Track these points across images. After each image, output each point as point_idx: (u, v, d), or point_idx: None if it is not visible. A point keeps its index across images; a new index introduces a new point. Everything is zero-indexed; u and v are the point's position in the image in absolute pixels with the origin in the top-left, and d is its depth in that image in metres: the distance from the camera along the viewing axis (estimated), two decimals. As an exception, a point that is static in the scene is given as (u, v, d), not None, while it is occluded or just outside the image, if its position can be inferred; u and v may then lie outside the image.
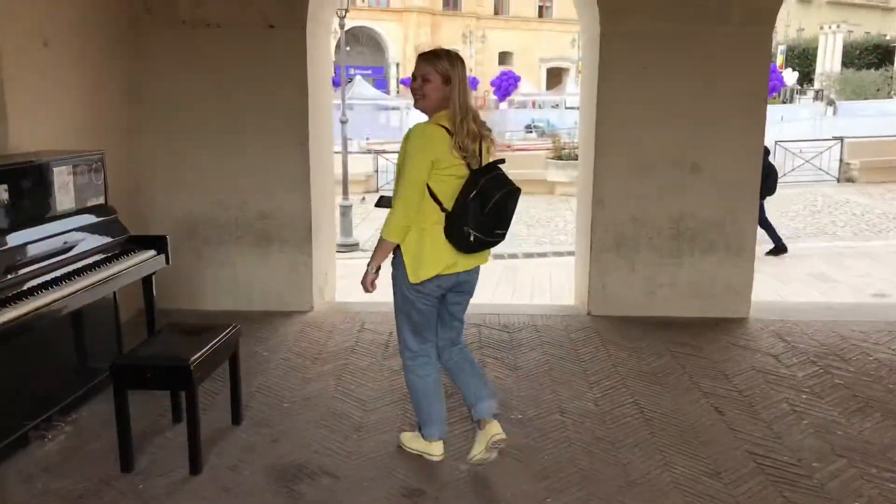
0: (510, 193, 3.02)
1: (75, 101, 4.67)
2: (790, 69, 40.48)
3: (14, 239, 3.32)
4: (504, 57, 49.77)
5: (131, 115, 5.35)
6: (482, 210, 2.95)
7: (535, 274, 9.54)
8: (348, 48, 41.89)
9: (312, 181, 5.48)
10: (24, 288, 3.20)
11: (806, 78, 43.51)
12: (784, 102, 38.22)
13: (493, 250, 3.40)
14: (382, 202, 3.56)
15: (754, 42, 5.26)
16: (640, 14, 5.23)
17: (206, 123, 5.39)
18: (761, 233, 7.98)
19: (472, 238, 2.98)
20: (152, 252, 4.08)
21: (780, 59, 41.00)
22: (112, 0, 5.09)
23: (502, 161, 3.11)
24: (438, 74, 3.00)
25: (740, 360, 4.67)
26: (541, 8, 51.79)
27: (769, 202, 9.59)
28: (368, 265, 3.13)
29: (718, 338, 5.06)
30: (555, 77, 50.00)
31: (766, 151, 10.69)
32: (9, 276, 3.17)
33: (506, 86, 40.16)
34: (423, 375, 3.34)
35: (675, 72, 5.27)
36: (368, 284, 3.16)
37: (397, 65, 46.66)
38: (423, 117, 3.14)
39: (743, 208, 5.41)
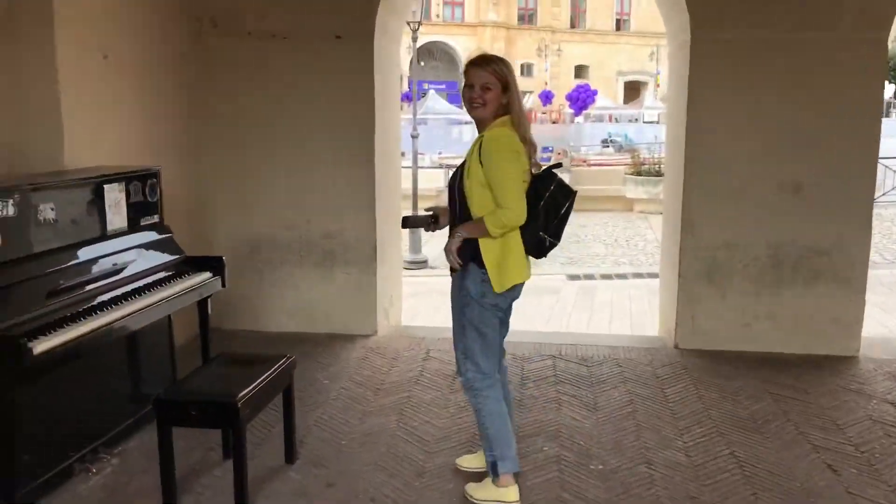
0: (574, 199, 3.02)
1: (136, 115, 4.52)
2: (886, 82, 38.42)
3: (60, 260, 3.12)
4: (580, 70, 49.09)
5: (194, 131, 5.19)
6: (555, 215, 2.96)
7: (613, 298, 9.04)
8: (422, 63, 42.09)
9: (378, 199, 5.21)
10: (71, 313, 2.99)
11: (903, 91, 41.25)
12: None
13: (568, 270, 3.23)
14: (408, 223, 3.36)
15: (867, 50, 4.71)
16: (735, 20, 4.76)
17: (270, 139, 5.19)
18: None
19: (547, 243, 2.99)
20: (208, 274, 3.85)
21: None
22: (177, 13, 4.95)
23: (559, 165, 3.21)
24: (498, 81, 2.91)
25: (853, 407, 4.13)
26: (618, 21, 50.91)
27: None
28: (457, 234, 2.96)
29: (825, 379, 4.51)
30: (632, 91, 48.98)
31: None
32: (55, 300, 2.97)
33: (582, 99, 39.46)
34: (499, 399, 3.10)
35: (775, 82, 4.77)
36: (454, 249, 2.96)
37: (471, 79, 46.53)
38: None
39: (852, 234, 4.84)
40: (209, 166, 5.25)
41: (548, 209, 2.93)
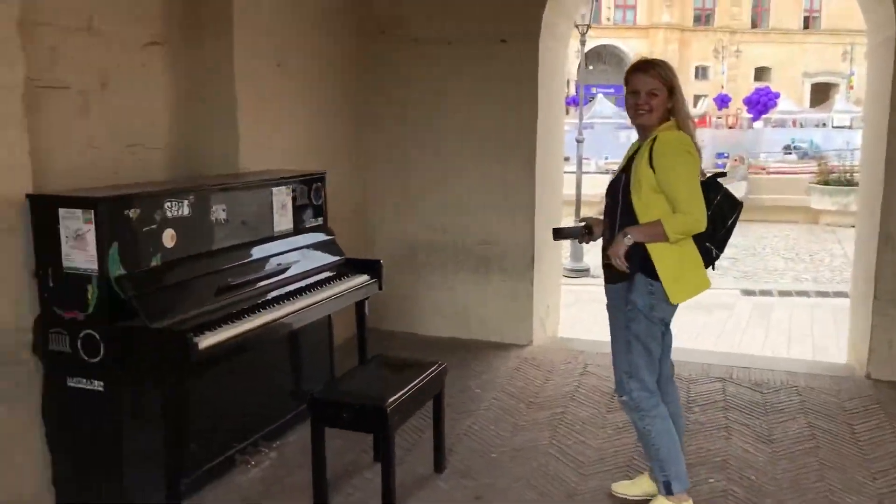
0: (740, 211, 2.89)
1: (306, 121, 4.68)
2: None
3: (230, 259, 3.25)
4: (760, 72, 46.21)
5: (359, 135, 5.31)
6: (723, 226, 2.84)
7: (792, 317, 8.32)
8: (590, 67, 41.36)
9: (538, 205, 5.07)
10: (237, 309, 3.10)
11: None
12: None
13: (743, 285, 2.92)
14: (560, 234, 3.20)
15: None
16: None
17: (431, 143, 5.21)
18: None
19: (714, 254, 2.86)
20: (366, 277, 3.88)
21: None
22: (346, 21, 5.09)
23: (723, 174, 2.98)
24: (664, 86, 2.79)
25: None
26: (806, 18, 47.39)
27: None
28: (626, 236, 2.76)
29: None
30: (820, 93, 45.38)
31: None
32: (223, 297, 3.09)
33: (763, 103, 37.05)
34: (666, 416, 2.94)
35: None
36: (622, 253, 2.77)
37: (642, 83, 45.21)
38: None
39: None
40: (372, 170, 5.35)
41: (714, 219, 2.80)
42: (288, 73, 4.44)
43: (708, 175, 2.89)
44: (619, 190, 2.86)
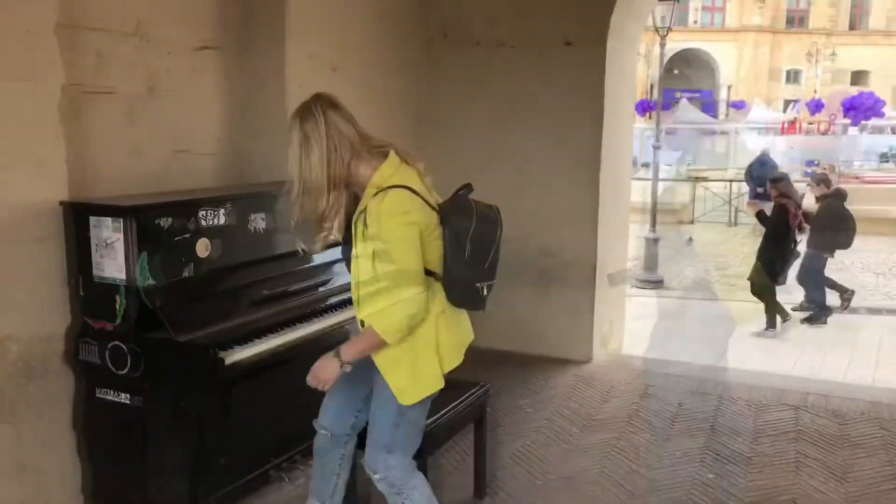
0: (484, 219, 2.34)
1: (364, 127, 4.57)
2: None
3: (267, 270, 3.17)
4: (857, 76, 43.98)
5: (419, 142, 5.19)
6: (485, 257, 2.33)
7: (883, 339, 7.73)
8: (675, 71, 40.23)
9: (601, 215, 4.84)
10: (272, 322, 3.01)
11: None
12: None
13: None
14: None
15: None
16: None
17: (492, 149, 5.05)
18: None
19: (485, 291, 2.37)
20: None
21: None
22: (407, 25, 4.98)
23: (468, 187, 2.49)
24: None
25: None
26: (910, 19, 44.85)
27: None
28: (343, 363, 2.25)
29: None
30: (922, 98, 42.85)
31: (840, 195, 7.88)
32: (257, 309, 3.01)
33: (865, 108, 35.10)
34: (424, 482, 2.45)
35: None
36: (323, 378, 2.27)
37: (728, 87, 43.77)
38: (754, 139, 2.39)
39: None
40: (432, 176, 5.21)
41: (478, 252, 2.31)
42: (344, 78, 4.35)
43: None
44: None
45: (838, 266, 11.95)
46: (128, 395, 2.69)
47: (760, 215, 7.56)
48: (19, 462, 2.66)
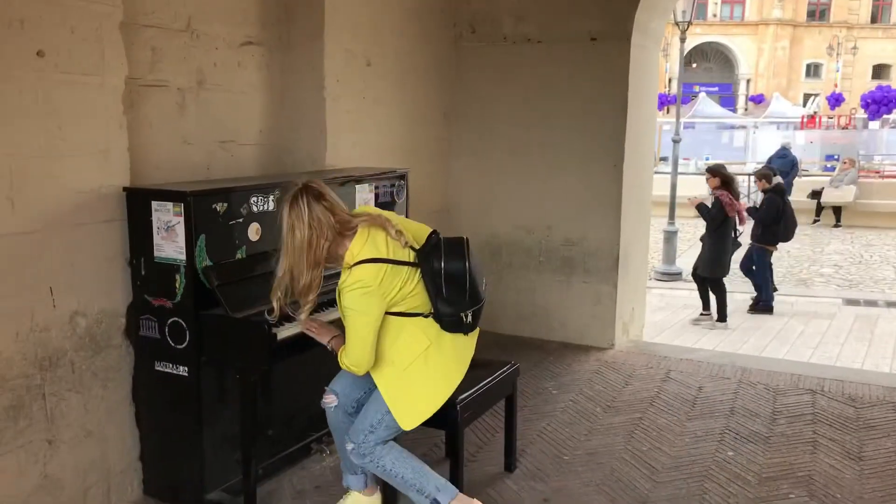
0: (451, 257, 2.65)
1: (394, 119, 4.76)
2: None
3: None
4: (879, 70, 43.58)
5: (448, 135, 5.37)
6: (462, 289, 2.65)
7: (900, 330, 7.84)
8: (694, 64, 40.03)
9: (624, 207, 4.98)
10: (318, 302, 3.18)
11: None
12: None
13: (846, 294, 2.64)
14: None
15: None
16: None
17: (517, 141, 5.21)
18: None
19: (469, 318, 2.71)
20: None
21: None
22: (437, 21, 5.14)
23: (435, 234, 2.75)
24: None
25: None
26: (935, 12, 44.37)
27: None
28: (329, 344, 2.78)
29: None
30: (945, 92, 42.36)
31: (780, 189, 7.97)
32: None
33: (884, 102, 34.82)
34: (392, 444, 2.78)
35: None
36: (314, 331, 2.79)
37: (748, 81, 43.54)
38: (772, 134, 2.56)
39: None
40: (457, 168, 5.40)
41: (453, 288, 2.63)
42: (377, 72, 4.53)
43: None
44: None
45: (855, 259, 12.05)
46: (185, 368, 2.89)
47: (701, 207, 7.72)
48: (87, 429, 2.86)
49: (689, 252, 12.56)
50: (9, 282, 2.56)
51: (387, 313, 2.63)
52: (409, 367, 2.67)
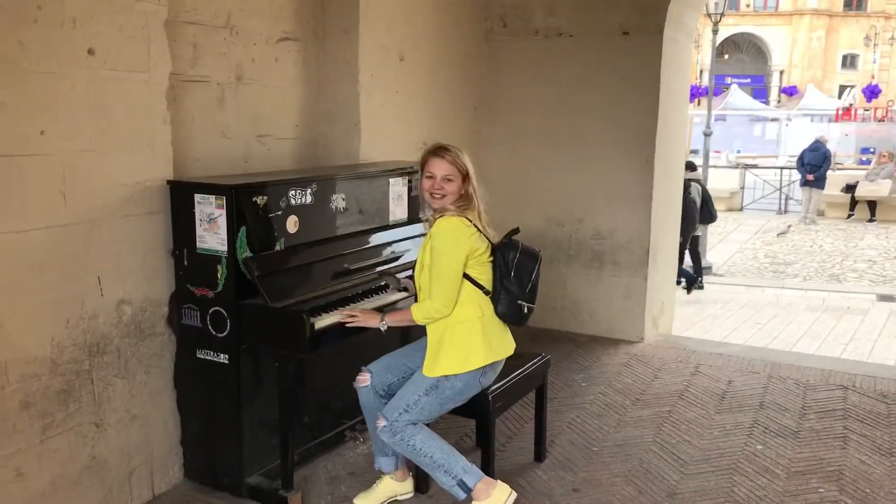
0: (527, 253, 2.96)
1: (427, 113, 4.82)
2: None
3: (347, 245, 3.42)
4: (917, 61, 42.64)
5: (480, 128, 5.41)
6: (528, 280, 2.94)
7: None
8: (726, 55, 39.45)
9: (655, 200, 5.00)
10: (352, 293, 3.26)
11: None
12: None
13: (880, 290, 2.71)
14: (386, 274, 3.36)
15: None
16: None
17: (550, 136, 5.24)
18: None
19: (526, 310, 2.97)
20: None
21: None
22: (469, 14, 5.18)
23: (517, 231, 3.03)
24: (459, 172, 2.90)
25: None
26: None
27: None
28: (381, 321, 2.95)
29: None
30: None
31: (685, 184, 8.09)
32: (339, 281, 3.26)
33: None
34: (422, 425, 2.90)
35: None
36: (362, 319, 2.96)
37: (781, 72, 42.87)
38: (806, 126, 2.62)
39: None
40: (488, 161, 5.42)
41: (520, 276, 2.90)
42: (410, 66, 4.59)
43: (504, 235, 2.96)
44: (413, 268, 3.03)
45: (890, 255, 11.88)
46: (226, 356, 2.98)
47: None
48: (132, 413, 2.98)
49: (718, 246, 12.49)
50: (60, 271, 2.67)
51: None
52: (458, 325, 2.83)
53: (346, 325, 2.94)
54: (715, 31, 11.39)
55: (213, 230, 2.90)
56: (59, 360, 2.69)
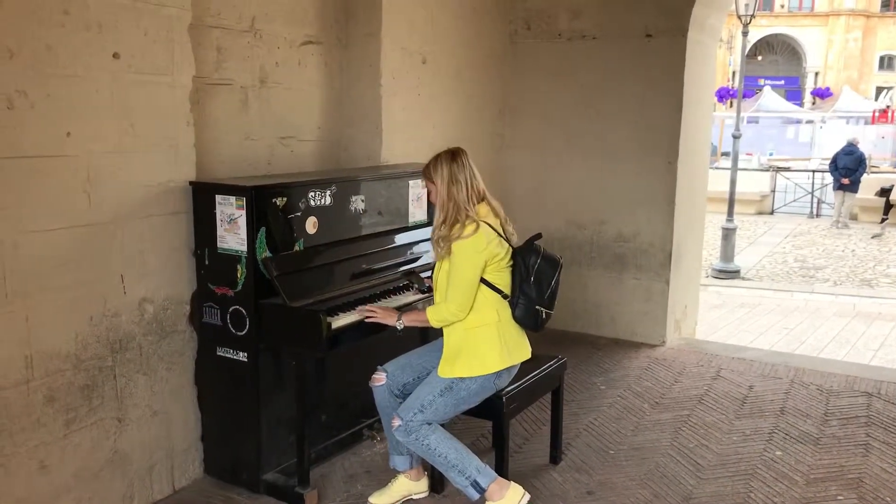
0: (548, 259, 2.97)
1: (448, 115, 4.84)
2: None
3: (366, 246, 3.47)
4: (957, 62, 41.70)
5: (503, 130, 5.43)
6: (548, 286, 2.96)
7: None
8: (759, 57, 38.89)
9: (678, 203, 4.97)
10: (370, 294, 3.29)
11: None
12: None
13: None
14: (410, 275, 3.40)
15: None
16: None
17: (573, 138, 5.24)
18: None
19: (544, 315, 2.98)
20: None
21: None
22: (492, 18, 5.20)
23: (539, 236, 3.03)
24: (433, 184, 2.93)
25: None
26: None
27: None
28: (398, 321, 3.00)
29: None
30: None
31: None
32: (357, 281, 3.30)
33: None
34: (437, 426, 2.92)
35: None
36: (379, 316, 3.01)
37: (816, 74, 42.19)
38: (841, 129, 2.61)
39: None
40: (510, 163, 5.46)
41: (539, 282, 2.92)
42: (433, 69, 4.63)
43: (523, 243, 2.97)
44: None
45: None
46: (245, 354, 3.04)
47: None
48: (153, 409, 3.04)
49: (747, 249, 12.35)
50: (85, 269, 2.74)
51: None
52: (475, 328, 2.87)
53: (365, 320, 2.99)
54: (745, 34, 11.25)
55: (233, 230, 2.96)
56: (83, 356, 2.76)
